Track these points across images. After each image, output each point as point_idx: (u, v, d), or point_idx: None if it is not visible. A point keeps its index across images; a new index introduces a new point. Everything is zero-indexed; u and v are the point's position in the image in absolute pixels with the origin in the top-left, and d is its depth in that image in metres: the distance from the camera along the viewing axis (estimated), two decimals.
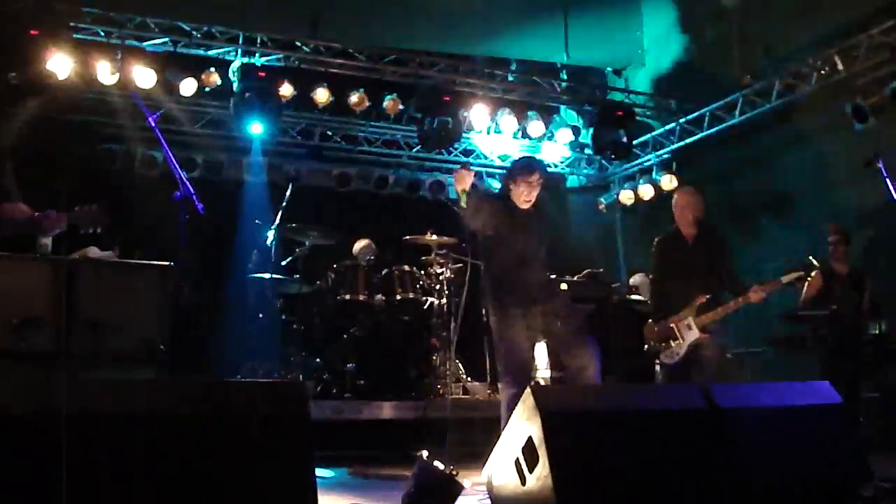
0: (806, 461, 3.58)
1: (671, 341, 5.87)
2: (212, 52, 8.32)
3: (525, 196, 5.28)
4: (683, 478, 3.37)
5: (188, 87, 8.18)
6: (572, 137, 9.89)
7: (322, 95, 8.56)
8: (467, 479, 4.08)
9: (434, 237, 7.61)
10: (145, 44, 8.00)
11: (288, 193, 7.73)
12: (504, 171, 5.56)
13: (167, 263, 6.46)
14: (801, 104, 8.43)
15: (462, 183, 5.05)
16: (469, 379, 7.91)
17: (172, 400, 3.02)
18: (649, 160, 10.34)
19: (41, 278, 4.92)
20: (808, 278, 6.10)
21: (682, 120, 9.80)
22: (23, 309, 4.62)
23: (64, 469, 2.65)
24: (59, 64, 7.36)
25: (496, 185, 10.88)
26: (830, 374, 6.40)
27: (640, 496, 3.27)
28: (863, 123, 7.54)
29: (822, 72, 8.00)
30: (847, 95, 7.69)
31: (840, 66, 7.76)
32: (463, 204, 5.08)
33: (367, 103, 8.87)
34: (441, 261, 7.75)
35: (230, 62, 8.29)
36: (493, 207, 5.22)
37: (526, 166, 5.39)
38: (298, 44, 8.49)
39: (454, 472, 4.03)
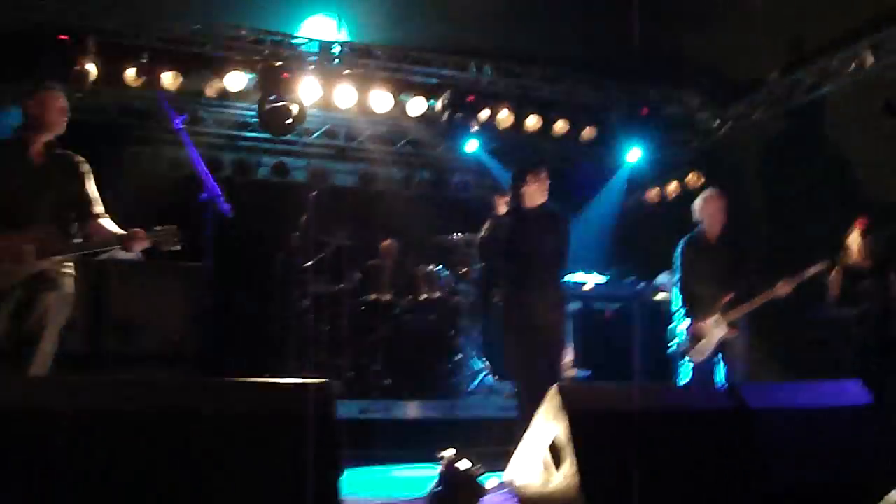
0: (836, 462, 3.54)
1: (699, 340, 5.85)
2: (237, 54, 8.35)
3: (540, 192, 5.46)
4: (711, 478, 3.34)
5: (214, 88, 8.22)
6: (596, 135, 9.82)
7: (347, 95, 8.56)
8: (493, 478, 4.07)
9: (460, 236, 7.61)
10: (171, 46, 8.05)
11: (314, 194, 7.78)
12: (512, 176, 5.66)
13: (194, 264, 6.53)
14: (831, 99, 8.32)
15: None
16: (495, 378, 7.91)
17: (199, 399, 3.04)
18: (676, 157, 10.27)
19: None
20: (830, 278, 6.05)
21: (708, 116, 9.72)
22: None
23: (89, 466, 2.67)
24: (87, 68, 7.44)
25: None
26: (860, 373, 6.33)
27: (666, 497, 3.24)
28: (895, 118, 7.43)
29: (852, 66, 7.89)
30: (878, 90, 7.58)
31: (870, 61, 7.64)
32: None
33: (392, 102, 8.87)
34: (467, 260, 7.76)
35: (256, 63, 8.32)
36: (504, 224, 5.47)
37: (534, 164, 5.61)
38: (322, 44, 8.50)
39: (480, 471, 4.03)
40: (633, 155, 9.72)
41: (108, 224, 4.43)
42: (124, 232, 4.30)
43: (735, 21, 8.67)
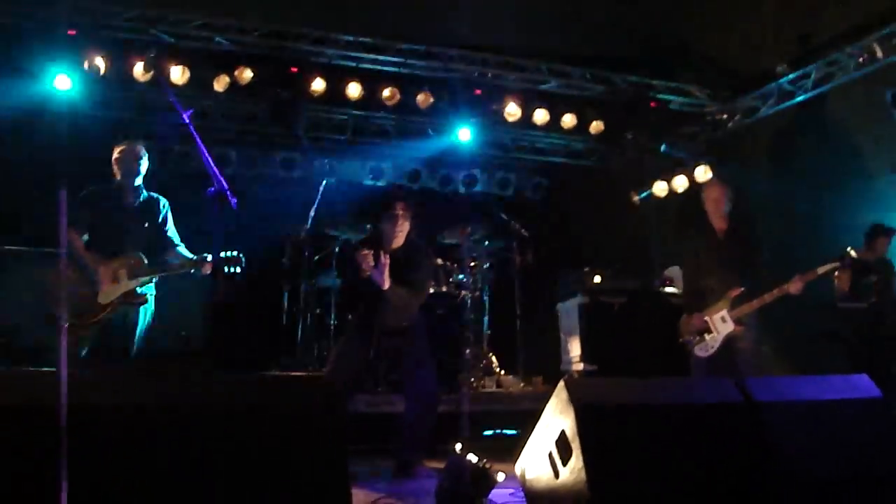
0: (844, 456, 3.53)
1: (706, 334, 5.83)
2: (245, 48, 8.35)
3: (390, 233, 5.05)
4: (718, 472, 3.34)
5: (222, 83, 8.23)
6: (604, 129, 9.79)
7: (354, 90, 8.56)
8: (500, 472, 4.08)
9: (467, 231, 7.61)
10: (179, 41, 8.06)
11: (321, 188, 7.78)
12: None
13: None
14: (839, 93, 8.29)
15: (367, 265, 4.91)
16: (502, 372, 7.92)
17: (207, 394, 3.05)
18: (683, 151, 10.24)
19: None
20: (837, 273, 6.04)
21: (716, 110, 9.70)
22: None
23: (95, 461, 2.68)
24: (95, 62, 7.46)
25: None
26: (866, 367, 6.34)
27: (674, 490, 3.24)
28: None
29: (861, 59, 7.85)
30: (886, 83, 7.55)
31: (879, 54, 7.60)
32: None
33: (398, 97, 8.87)
34: (474, 255, 7.76)
35: (264, 57, 8.32)
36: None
37: (384, 197, 5.23)
38: (330, 39, 8.51)
39: (487, 465, 4.03)
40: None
41: (184, 251, 5.58)
42: (195, 258, 5.43)
43: (744, 14, 8.66)
